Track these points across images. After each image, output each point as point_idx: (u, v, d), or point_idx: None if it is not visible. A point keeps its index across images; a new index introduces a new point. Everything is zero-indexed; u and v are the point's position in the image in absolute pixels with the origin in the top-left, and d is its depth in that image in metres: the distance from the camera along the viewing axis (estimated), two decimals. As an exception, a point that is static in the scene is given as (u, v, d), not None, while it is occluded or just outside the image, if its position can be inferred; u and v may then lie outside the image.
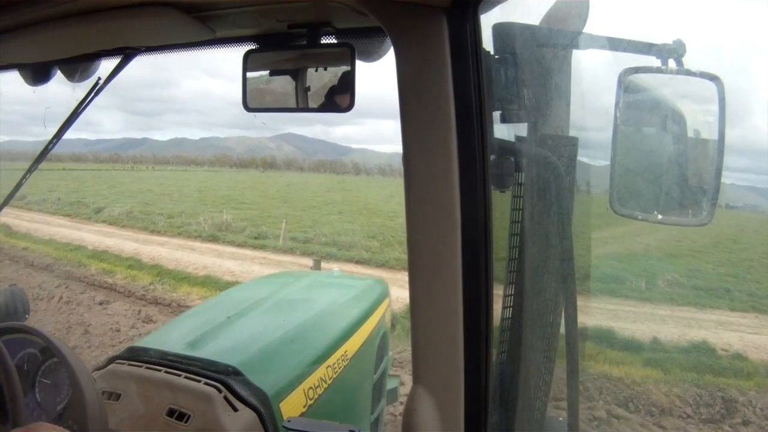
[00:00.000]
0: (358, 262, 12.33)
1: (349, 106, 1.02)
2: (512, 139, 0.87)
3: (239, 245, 14.09)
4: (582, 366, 0.91)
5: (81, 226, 16.38)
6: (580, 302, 0.89)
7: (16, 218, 16.21)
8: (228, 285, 8.51)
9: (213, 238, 14.79)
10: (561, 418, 0.96)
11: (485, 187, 0.80)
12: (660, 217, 0.80)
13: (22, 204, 20.10)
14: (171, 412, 1.29)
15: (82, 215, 18.81)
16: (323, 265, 9.85)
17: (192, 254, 12.66)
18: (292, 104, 1.10)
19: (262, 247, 13.83)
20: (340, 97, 1.04)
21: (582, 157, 0.88)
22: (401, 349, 5.52)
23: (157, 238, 14.91)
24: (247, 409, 1.32)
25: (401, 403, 2.88)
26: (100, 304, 8.48)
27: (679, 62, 0.80)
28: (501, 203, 0.85)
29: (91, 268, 11.13)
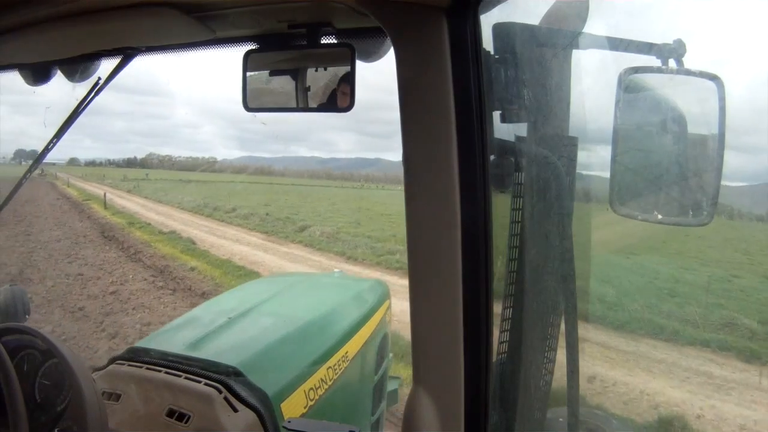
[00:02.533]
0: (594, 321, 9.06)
1: (349, 106, 1.02)
2: (512, 139, 0.87)
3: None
4: (582, 366, 0.90)
5: (271, 246, 14.32)
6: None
7: (208, 232, 15.67)
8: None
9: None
10: (561, 418, 0.96)
11: (485, 187, 0.80)
12: (660, 217, 0.80)
13: (225, 217, 19.61)
14: (171, 413, 1.29)
15: (281, 234, 16.41)
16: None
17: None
18: (293, 104, 1.10)
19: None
20: (340, 98, 1.04)
21: (582, 157, 0.88)
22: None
23: (350, 267, 11.89)
24: (248, 410, 1.32)
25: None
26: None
27: (679, 62, 0.80)
28: (501, 203, 0.85)
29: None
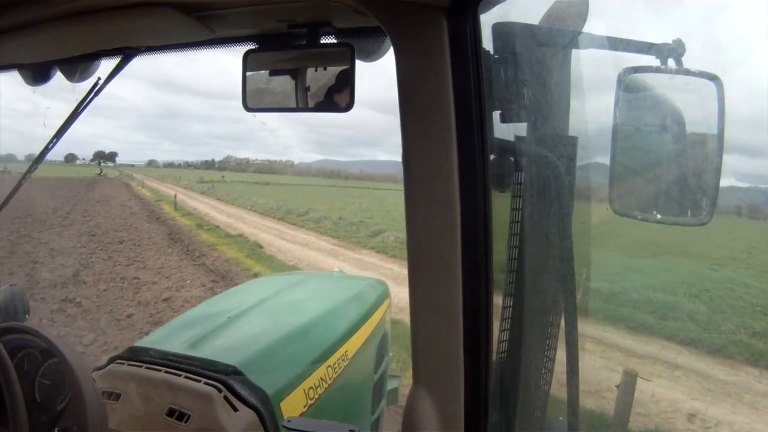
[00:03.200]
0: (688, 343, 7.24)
1: (349, 106, 1.02)
2: (512, 138, 0.87)
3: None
4: (582, 366, 0.91)
5: (342, 252, 13.26)
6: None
7: (277, 236, 15.06)
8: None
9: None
10: (561, 418, 0.96)
11: (485, 187, 0.80)
12: (659, 216, 0.80)
13: (297, 220, 19.05)
14: (171, 412, 1.29)
15: (353, 238, 15.26)
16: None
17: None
18: (292, 104, 1.10)
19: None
20: (339, 97, 1.04)
21: (582, 157, 0.88)
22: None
23: None
24: (247, 409, 1.32)
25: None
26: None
27: (678, 62, 0.80)
28: (501, 203, 0.85)
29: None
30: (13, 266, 9.57)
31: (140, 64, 1.28)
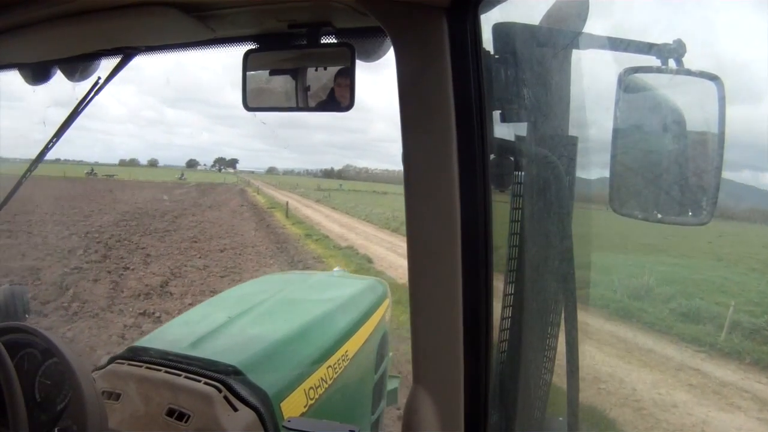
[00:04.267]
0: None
1: (349, 106, 1.02)
2: (512, 138, 0.87)
3: (658, 328, 8.01)
4: (582, 366, 0.91)
5: None
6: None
7: (389, 249, 13.82)
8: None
9: (622, 313, 8.58)
10: (561, 418, 0.96)
11: (485, 186, 0.80)
12: (659, 216, 0.80)
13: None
14: (171, 412, 1.29)
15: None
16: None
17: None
18: (292, 104, 1.10)
19: (695, 340, 7.52)
20: (339, 97, 1.04)
21: (582, 157, 0.88)
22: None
23: None
24: (248, 409, 1.32)
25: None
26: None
27: (679, 62, 0.80)
28: (501, 203, 0.85)
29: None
30: (101, 272, 9.24)
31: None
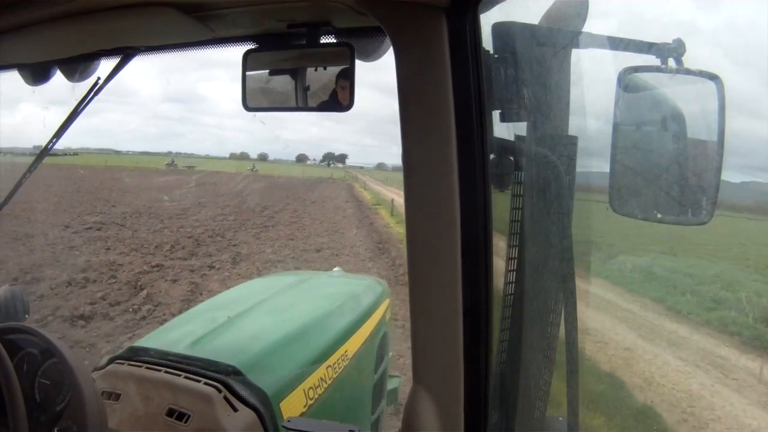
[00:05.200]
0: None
1: (349, 106, 1.02)
2: (512, 138, 0.87)
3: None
4: (582, 365, 0.90)
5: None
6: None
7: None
8: None
9: (756, 342, 6.99)
10: (561, 418, 0.96)
11: (485, 186, 0.80)
12: (659, 216, 0.80)
13: None
14: (171, 412, 1.30)
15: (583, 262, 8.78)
16: None
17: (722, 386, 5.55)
18: (292, 104, 1.10)
19: None
20: (339, 97, 1.05)
21: (582, 156, 0.88)
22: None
23: (672, 326, 7.47)
24: (247, 409, 1.33)
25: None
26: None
27: (678, 61, 0.80)
28: (501, 202, 0.85)
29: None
30: (183, 271, 8.55)
31: (367, 70, 1.12)
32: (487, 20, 0.81)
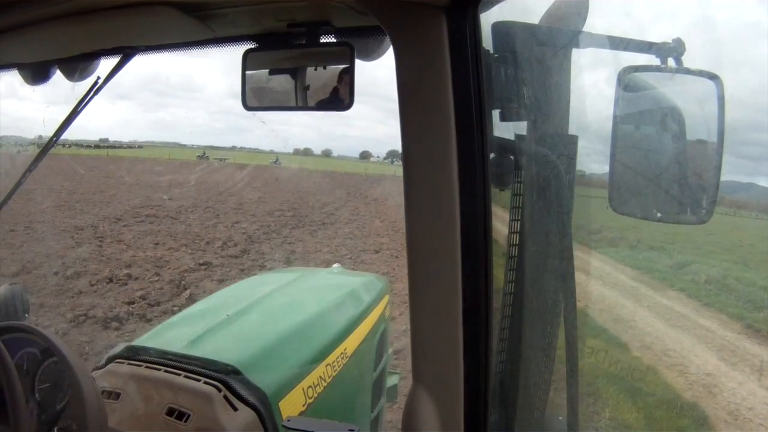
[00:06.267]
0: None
1: (348, 105, 1.02)
2: (512, 137, 0.87)
3: None
4: (581, 365, 0.91)
5: (644, 292, 8.51)
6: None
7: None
8: None
9: None
10: (561, 418, 0.96)
11: (485, 185, 0.80)
12: (659, 215, 0.80)
13: (587, 239, 11.66)
14: (171, 412, 1.30)
15: (655, 271, 9.84)
16: None
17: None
18: (292, 103, 1.10)
19: None
20: (339, 96, 1.04)
21: (582, 156, 0.88)
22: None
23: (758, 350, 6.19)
24: (247, 408, 1.33)
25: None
26: None
27: (678, 61, 0.80)
28: (501, 202, 0.85)
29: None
30: (231, 270, 8.13)
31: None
32: (487, 20, 0.81)
